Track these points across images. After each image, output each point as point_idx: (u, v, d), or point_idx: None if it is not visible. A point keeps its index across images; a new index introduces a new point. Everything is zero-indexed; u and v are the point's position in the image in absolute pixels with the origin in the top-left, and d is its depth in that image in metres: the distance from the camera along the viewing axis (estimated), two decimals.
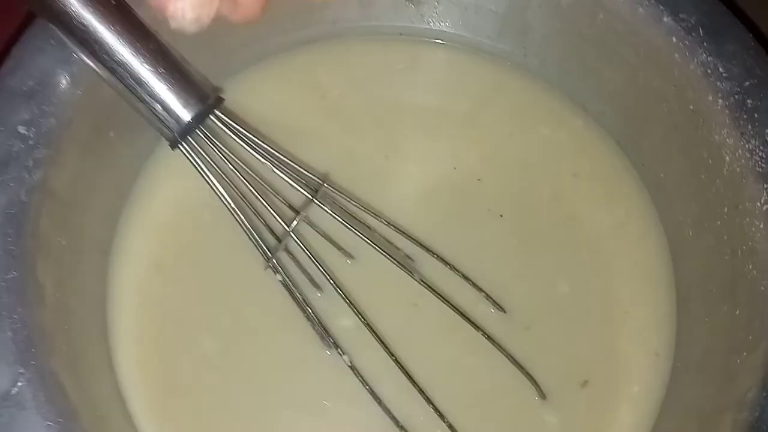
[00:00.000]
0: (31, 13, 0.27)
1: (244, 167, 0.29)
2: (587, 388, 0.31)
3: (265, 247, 0.30)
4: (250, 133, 0.29)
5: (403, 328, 0.31)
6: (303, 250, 0.30)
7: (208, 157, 0.28)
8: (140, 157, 0.33)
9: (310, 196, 0.30)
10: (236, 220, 0.29)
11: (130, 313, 0.31)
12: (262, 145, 0.29)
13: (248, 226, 0.29)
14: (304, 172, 0.30)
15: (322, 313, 0.30)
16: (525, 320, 0.31)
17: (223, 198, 0.29)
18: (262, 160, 0.29)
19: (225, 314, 0.31)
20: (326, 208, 0.30)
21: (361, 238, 0.30)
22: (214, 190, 0.28)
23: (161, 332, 0.31)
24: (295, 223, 0.30)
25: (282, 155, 0.30)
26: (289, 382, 0.30)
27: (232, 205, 0.29)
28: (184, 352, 0.31)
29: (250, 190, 0.29)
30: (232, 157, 0.29)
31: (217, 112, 0.27)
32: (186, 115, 0.26)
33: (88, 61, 0.26)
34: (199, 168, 0.28)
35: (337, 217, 0.30)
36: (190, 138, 0.27)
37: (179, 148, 0.27)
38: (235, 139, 0.28)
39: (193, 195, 0.33)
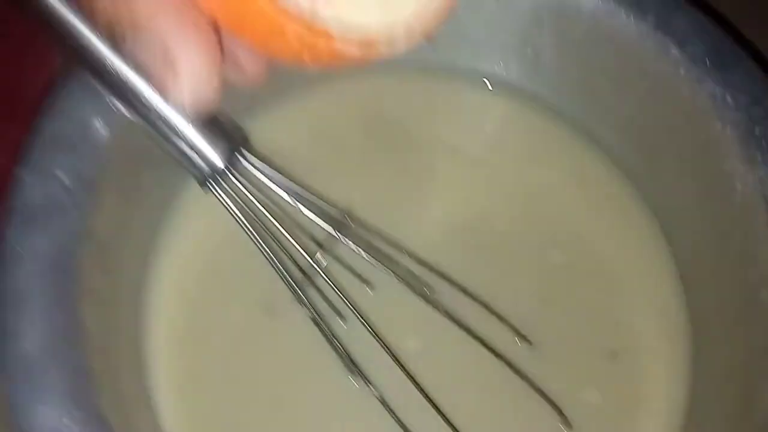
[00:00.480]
0: (67, 64, 0.29)
1: (270, 204, 0.31)
2: (603, 412, 0.31)
3: (292, 282, 0.31)
4: (275, 171, 0.30)
5: (423, 357, 0.32)
6: (329, 284, 0.31)
7: (236, 195, 0.29)
8: (169, 196, 0.35)
9: (334, 232, 0.31)
10: (264, 255, 0.30)
11: (164, 348, 0.32)
12: (287, 182, 0.30)
13: (276, 261, 0.30)
14: (328, 208, 0.31)
15: (346, 342, 0.31)
16: (541, 350, 0.32)
17: (251, 235, 0.30)
18: (288, 197, 0.30)
19: (255, 346, 0.32)
20: (350, 243, 0.31)
21: (384, 271, 0.31)
22: (242, 227, 0.30)
23: (195, 365, 0.32)
24: (321, 258, 0.31)
25: (306, 192, 0.31)
26: (320, 412, 0.31)
27: (260, 241, 0.30)
28: (218, 383, 0.32)
29: (276, 226, 0.30)
30: (259, 194, 0.30)
31: (244, 153, 0.29)
32: (216, 158, 0.27)
33: (124, 110, 0.27)
34: (228, 206, 0.29)
35: (361, 251, 0.31)
36: (219, 178, 0.29)
37: (209, 188, 0.29)
38: (261, 178, 0.30)
39: (219, 230, 0.34)
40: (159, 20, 0.18)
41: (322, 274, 0.31)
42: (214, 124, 0.28)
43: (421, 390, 0.30)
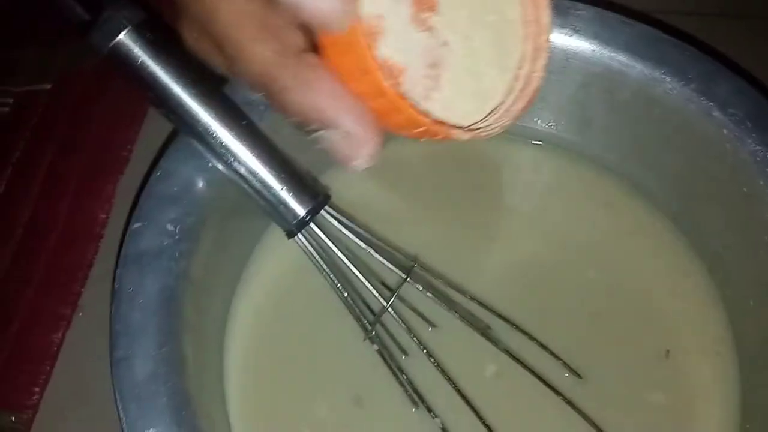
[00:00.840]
0: (175, 130, 0.33)
1: (346, 251, 0.34)
2: None
3: (365, 320, 0.34)
4: (351, 222, 0.33)
5: (482, 392, 0.34)
6: (398, 321, 0.34)
7: (316, 242, 0.33)
8: (252, 243, 0.38)
9: (403, 276, 0.34)
10: (340, 298, 0.34)
11: (240, 382, 0.35)
12: (361, 231, 0.34)
13: (351, 302, 0.34)
14: (397, 254, 0.34)
15: (410, 374, 0.34)
16: (597, 388, 0.34)
17: (329, 278, 0.33)
18: (362, 245, 0.33)
19: (324, 380, 0.35)
20: (419, 287, 0.34)
21: (448, 311, 0.34)
22: (321, 271, 0.33)
23: (269, 401, 0.35)
24: (391, 300, 0.34)
25: (377, 240, 0.34)
26: None
27: (338, 284, 0.33)
28: (293, 419, 0.34)
29: (351, 270, 0.34)
30: (336, 241, 0.33)
31: (326, 207, 0.32)
32: (302, 212, 0.31)
33: (224, 169, 0.31)
34: (309, 254, 0.33)
35: (428, 294, 0.34)
36: (302, 228, 0.32)
37: (295, 238, 0.32)
38: (339, 228, 0.33)
39: (294, 274, 0.37)
40: (341, 115, 0.24)
41: (392, 313, 0.34)
42: (300, 181, 0.32)
43: (483, 421, 0.32)
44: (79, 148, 0.46)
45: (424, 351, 0.34)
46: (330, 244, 0.33)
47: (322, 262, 0.33)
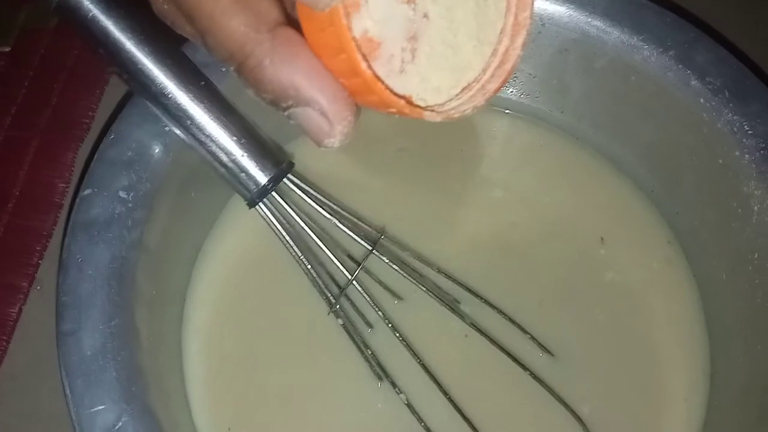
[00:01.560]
0: (128, 93, 0.31)
1: (310, 221, 0.33)
2: (621, 421, 0.32)
3: (329, 294, 0.33)
4: (315, 192, 0.32)
5: (448, 364, 0.33)
6: (363, 295, 0.33)
7: (279, 213, 0.31)
8: (214, 212, 0.37)
9: (369, 248, 0.33)
10: (303, 270, 0.32)
11: (201, 354, 0.34)
12: (326, 202, 0.32)
13: (314, 274, 0.32)
14: (364, 225, 0.33)
15: (376, 350, 0.33)
16: (567, 363, 0.34)
17: (292, 250, 0.32)
18: (327, 215, 0.32)
19: (285, 352, 0.34)
20: (384, 259, 0.33)
21: (415, 284, 0.33)
22: (284, 243, 0.32)
23: (231, 375, 0.34)
24: (356, 273, 0.33)
25: (343, 210, 0.33)
26: (349, 419, 0.33)
27: (301, 256, 0.32)
28: (255, 393, 0.33)
29: (315, 242, 0.32)
30: (299, 212, 0.32)
31: (289, 175, 0.31)
32: (263, 179, 0.30)
33: (180, 134, 0.30)
34: (271, 224, 0.31)
35: (394, 266, 0.33)
36: (264, 197, 0.31)
37: (256, 207, 0.31)
38: (302, 197, 0.32)
39: (258, 244, 0.36)
40: (317, 93, 0.24)
41: (357, 287, 0.33)
42: (262, 147, 0.30)
43: (447, 395, 0.32)
44: (38, 113, 0.44)
45: (389, 325, 0.33)
46: (293, 214, 0.32)
47: (285, 234, 0.32)
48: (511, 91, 0.39)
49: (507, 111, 0.40)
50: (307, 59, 0.23)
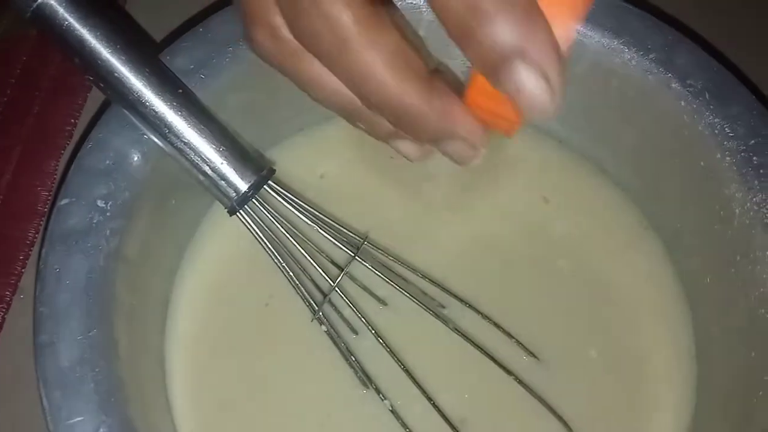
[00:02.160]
0: (106, 101, 0.31)
1: (292, 228, 0.32)
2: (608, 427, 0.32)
3: (312, 301, 0.33)
4: (297, 199, 0.32)
5: (434, 369, 0.33)
6: (346, 302, 0.33)
7: (260, 220, 0.31)
8: (195, 220, 0.37)
9: (352, 254, 0.32)
10: (286, 277, 0.32)
11: (184, 363, 0.34)
12: (308, 208, 0.32)
13: (297, 282, 0.32)
14: (346, 231, 0.33)
15: (361, 357, 0.33)
16: (552, 366, 0.33)
17: (274, 257, 0.32)
18: (309, 222, 0.32)
19: (274, 364, 0.34)
20: (367, 264, 0.32)
21: (398, 290, 0.33)
22: (266, 250, 0.32)
23: (214, 385, 0.33)
24: (339, 279, 0.33)
25: (326, 217, 0.33)
26: (335, 425, 0.32)
27: (283, 263, 0.32)
28: (240, 402, 0.33)
29: (297, 249, 0.32)
30: (282, 219, 0.32)
31: (270, 182, 0.31)
32: (244, 186, 0.29)
33: (159, 142, 0.29)
34: (253, 231, 0.31)
35: (377, 272, 0.33)
36: (244, 204, 0.31)
37: (237, 215, 0.30)
38: (284, 204, 0.32)
39: (241, 252, 0.36)
40: (465, 135, 0.25)
41: (339, 293, 0.33)
42: (242, 154, 0.30)
43: (431, 401, 0.32)
44: (20, 121, 0.44)
45: (372, 332, 0.32)
46: (275, 221, 0.32)
47: (266, 241, 0.32)
48: None
49: None
50: (460, 110, 0.24)
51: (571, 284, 0.36)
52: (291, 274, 0.32)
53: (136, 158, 0.30)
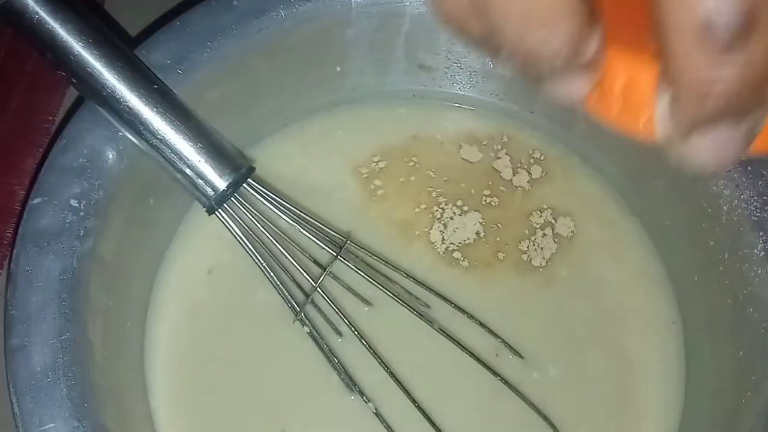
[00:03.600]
0: (80, 97, 0.30)
1: (274, 227, 0.32)
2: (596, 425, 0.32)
3: (293, 302, 0.32)
4: (278, 197, 0.31)
5: (416, 371, 0.33)
6: (329, 303, 0.32)
7: (240, 219, 0.31)
8: (175, 220, 0.36)
9: (334, 253, 0.32)
10: (267, 277, 0.31)
11: (166, 366, 0.33)
12: (290, 207, 0.32)
13: (278, 282, 0.32)
14: (329, 230, 0.32)
15: (344, 358, 0.32)
16: (539, 366, 0.33)
17: (255, 258, 0.31)
18: (290, 221, 0.31)
19: (254, 364, 0.33)
20: (349, 264, 0.32)
21: (381, 290, 0.32)
22: (246, 250, 0.31)
23: (196, 387, 0.33)
24: (321, 279, 0.32)
25: (308, 216, 0.32)
26: (319, 426, 0.32)
27: (264, 263, 0.31)
28: (223, 404, 0.32)
29: (279, 249, 0.32)
30: (262, 219, 0.31)
31: (249, 180, 0.30)
32: (222, 185, 0.29)
33: (134, 139, 0.29)
34: (232, 231, 0.30)
35: (359, 272, 0.32)
36: (224, 203, 0.30)
37: (215, 214, 0.30)
38: (264, 203, 0.31)
39: (222, 253, 0.35)
40: None
41: (322, 293, 0.32)
42: (220, 152, 0.29)
43: (416, 403, 0.31)
44: None
45: (356, 333, 0.32)
46: (255, 221, 0.31)
47: (246, 240, 0.31)
48: (480, 90, 0.38)
49: (476, 110, 0.39)
50: None
51: (559, 282, 0.35)
52: (272, 274, 0.31)
53: (111, 156, 0.29)
